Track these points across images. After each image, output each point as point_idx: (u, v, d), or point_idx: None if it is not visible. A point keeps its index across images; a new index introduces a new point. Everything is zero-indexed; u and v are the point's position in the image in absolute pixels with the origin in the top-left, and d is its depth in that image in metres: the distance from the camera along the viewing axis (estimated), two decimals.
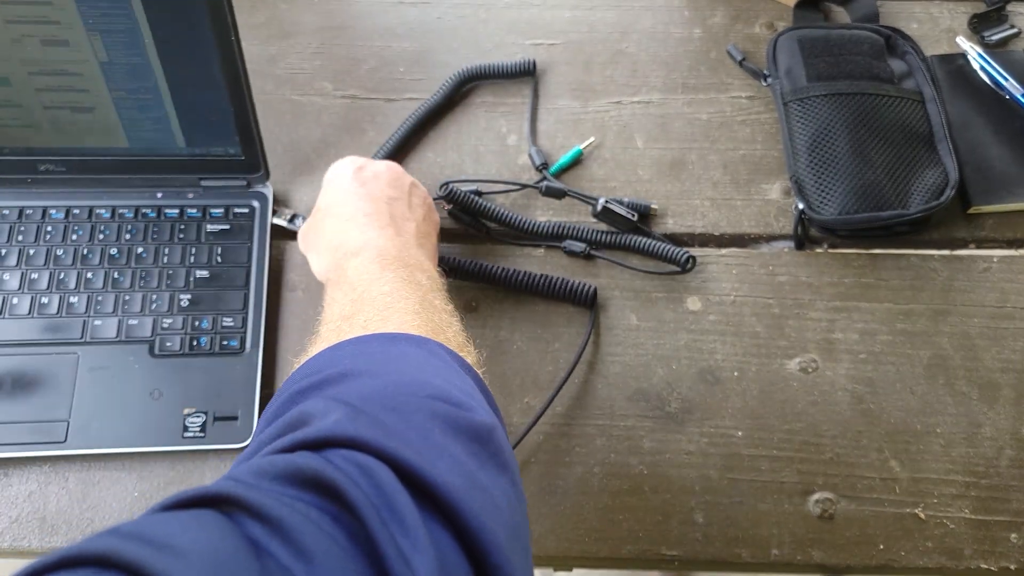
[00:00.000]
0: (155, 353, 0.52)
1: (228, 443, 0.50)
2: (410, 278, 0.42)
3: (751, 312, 0.55)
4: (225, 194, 0.57)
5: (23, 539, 0.48)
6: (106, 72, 0.49)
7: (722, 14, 0.68)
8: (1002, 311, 0.55)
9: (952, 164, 0.57)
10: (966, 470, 0.50)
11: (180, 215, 0.56)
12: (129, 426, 0.50)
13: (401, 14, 0.69)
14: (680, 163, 0.61)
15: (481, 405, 0.32)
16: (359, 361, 0.33)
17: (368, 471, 0.25)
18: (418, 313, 0.38)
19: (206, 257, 0.55)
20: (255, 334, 0.53)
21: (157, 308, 0.53)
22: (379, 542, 0.23)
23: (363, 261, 0.43)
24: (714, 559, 0.48)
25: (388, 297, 0.39)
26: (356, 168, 0.49)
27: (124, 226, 0.55)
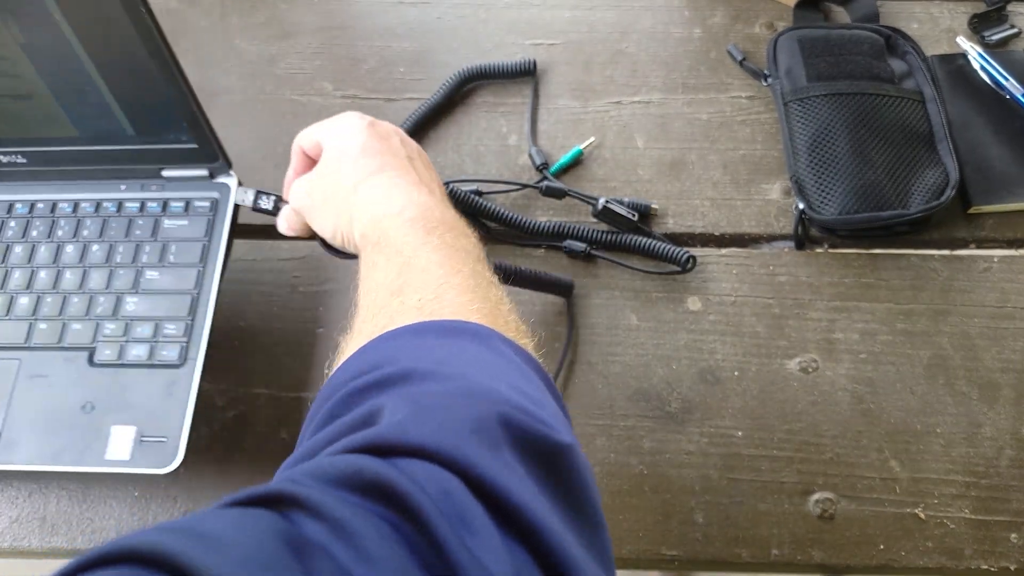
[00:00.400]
0: (94, 362, 0.48)
1: (152, 467, 0.45)
2: (456, 243, 0.39)
3: (751, 312, 0.55)
4: (188, 185, 0.53)
5: (23, 539, 0.48)
6: (30, 55, 0.46)
7: (722, 14, 0.68)
8: (1002, 311, 0.55)
9: (952, 164, 0.57)
10: (966, 470, 0.50)
11: (141, 209, 0.53)
12: (57, 442, 0.46)
13: (401, 14, 0.69)
14: (680, 163, 0.61)
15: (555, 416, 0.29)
16: (422, 359, 0.30)
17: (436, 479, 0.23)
18: (473, 290, 0.35)
19: (158, 256, 0.51)
20: (196, 345, 0.48)
21: (102, 312, 0.49)
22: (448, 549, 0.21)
23: (405, 222, 0.39)
24: (714, 559, 0.48)
25: (440, 269, 0.36)
26: (368, 122, 0.46)
27: (83, 221, 0.53)
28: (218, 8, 0.70)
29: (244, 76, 0.66)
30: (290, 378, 0.53)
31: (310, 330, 0.55)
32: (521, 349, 0.33)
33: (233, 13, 0.70)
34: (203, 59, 0.67)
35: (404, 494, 0.22)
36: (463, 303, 0.34)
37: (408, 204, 0.41)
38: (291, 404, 0.53)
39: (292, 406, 0.53)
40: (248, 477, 0.50)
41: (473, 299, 0.35)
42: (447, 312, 0.34)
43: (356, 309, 0.37)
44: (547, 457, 0.26)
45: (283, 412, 0.52)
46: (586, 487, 0.27)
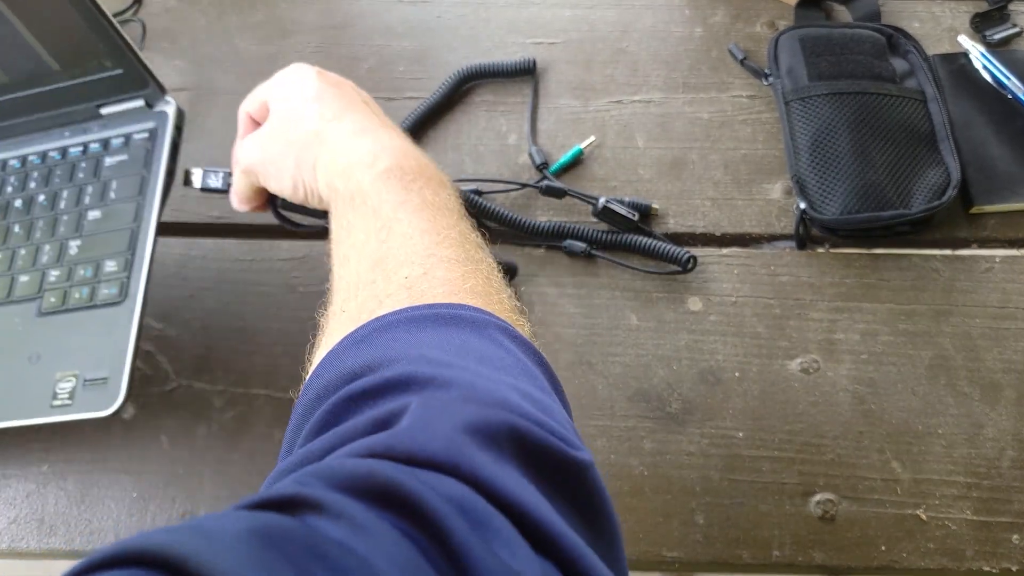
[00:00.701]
0: (42, 311, 0.47)
1: (94, 410, 0.44)
2: (437, 201, 0.36)
3: (752, 312, 0.55)
4: (128, 120, 0.53)
5: (21, 540, 0.48)
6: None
7: (723, 13, 0.68)
8: (1004, 311, 0.54)
9: (954, 164, 0.57)
10: (968, 471, 0.49)
11: (83, 151, 0.52)
12: (4, 398, 0.45)
13: (401, 13, 0.68)
14: (681, 162, 0.61)
15: (566, 424, 0.28)
16: (423, 361, 0.27)
17: (453, 488, 0.21)
18: (464, 262, 0.33)
19: (100, 195, 0.50)
20: (136, 279, 0.47)
21: (47, 261, 0.49)
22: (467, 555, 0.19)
23: (379, 175, 0.36)
24: (715, 560, 0.48)
25: (425, 237, 0.33)
26: (316, 69, 0.43)
27: (31, 174, 0.52)
28: (217, 7, 0.70)
29: (243, 75, 0.66)
30: (289, 379, 0.53)
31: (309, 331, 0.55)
32: (522, 339, 0.31)
33: (232, 12, 0.70)
34: (202, 58, 0.67)
35: (419, 500, 0.20)
36: (455, 280, 0.32)
37: (380, 151, 0.37)
38: (290, 405, 0.52)
39: (291, 407, 0.52)
40: (246, 478, 0.50)
41: (465, 275, 0.33)
42: (439, 292, 0.31)
43: (334, 279, 0.35)
44: (563, 474, 0.25)
45: (282, 413, 0.52)
46: (603, 502, 0.26)
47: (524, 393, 0.27)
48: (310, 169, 0.40)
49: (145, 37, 0.68)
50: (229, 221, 0.60)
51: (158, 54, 0.67)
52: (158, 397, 0.53)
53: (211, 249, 0.58)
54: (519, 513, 0.22)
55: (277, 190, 0.42)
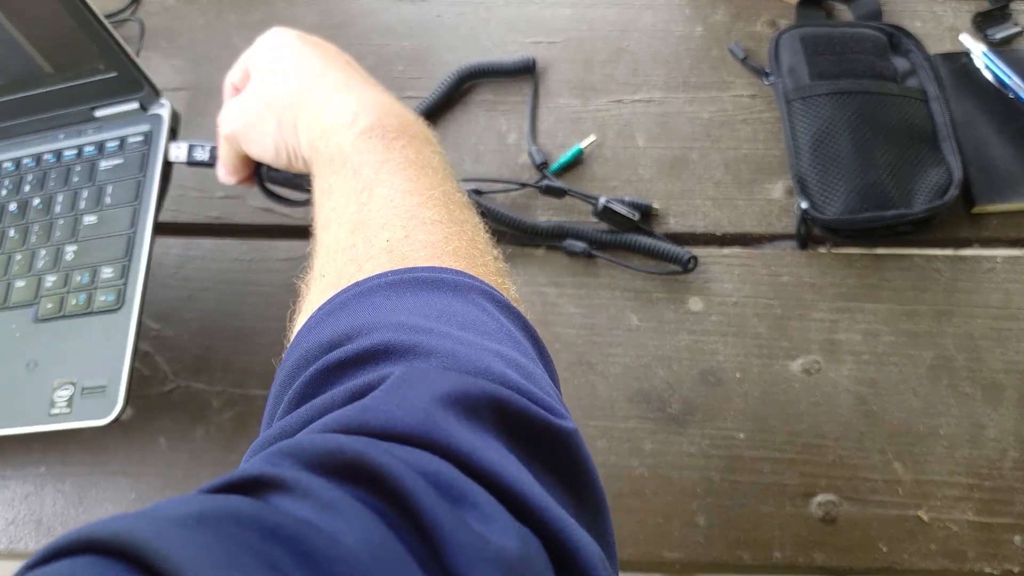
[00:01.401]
0: (39, 318, 0.47)
1: (92, 419, 0.44)
2: (420, 159, 0.35)
3: (753, 312, 0.54)
4: (122, 122, 0.52)
5: (19, 541, 0.48)
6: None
7: (724, 12, 0.68)
8: (1006, 312, 0.54)
9: (956, 163, 0.57)
10: (969, 472, 0.49)
11: (78, 155, 0.52)
12: (1, 405, 0.45)
13: (400, 12, 0.68)
14: (682, 162, 0.60)
15: (550, 392, 0.27)
16: (402, 328, 0.26)
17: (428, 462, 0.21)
18: (447, 223, 0.32)
19: (96, 200, 0.50)
20: (133, 286, 0.47)
21: (43, 267, 0.48)
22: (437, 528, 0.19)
23: (361, 134, 0.35)
24: (716, 562, 0.47)
25: (407, 198, 0.32)
26: (297, 33, 0.42)
27: (25, 177, 0.52)
28: (215, 6, 0.70)
29: None
30: None
31: None
32: (506, 303, 0.30)
33: (230, 11, 0.69)
34: (200, 57, 0.67)
35: (390, 475, 0.20)
36: (437, 243, 0.31)
37: (361, 109, 0.36)
38: None
39: None
40: None
41: (448, 237, 0.31)
42: (421, 256, 0.30)
43: (315, 244, 0.34)
44: (547, 443, 0.24)
45: None
46: (588, 472, 0.25)
47: (507, 359, 0.26)
48: (291, 129, 0.39)
49: (143, 36, 0.68)
50: (228, 221, 0.59)
51: (156, 53, 0.67)
52: (156, 398, 0.53)
53: (210, 249, 0.58)
54: (499, 485, 0.21)
55: (259, 154, 0.41)
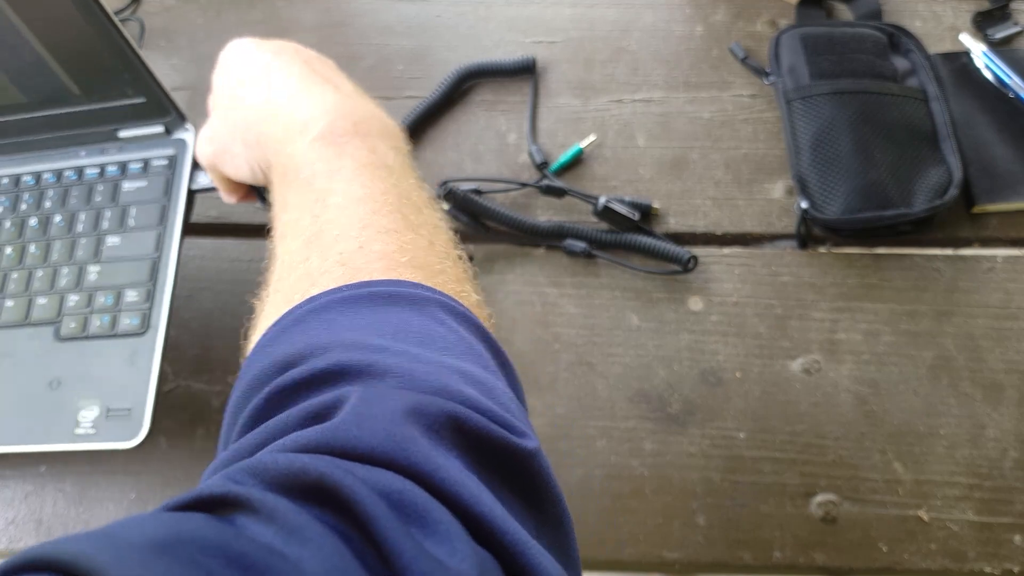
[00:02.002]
0: (60, 336, 0.47)
1: (118, 440, 0.44)
2: (374, 159, 0.34)
3: (753, 312, 0.54)
4: (146, 145, 0.52)
5: (19, 540, 0.48)
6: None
7: (724, 11, 0.68)
8: (1006, 311, 0.54)
9: (956, 163, 0.57)
10: (970, 472, 0.49)
11: (100, 174, 0.52)
12: (23, 422, 0.45)
13: (400, 11, 0.68)
14: (682, 162, 0.60)
15: (511, 408, 0.26)
16: (357, 347, 0.26)
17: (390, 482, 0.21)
18: (401, 231, 0.31)
19: (119, 222, 0.50)
20: (157, 310, 0.47)
21: (66, 285, 0.48)
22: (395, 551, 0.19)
23: (312, 143, 0.34)
24: (716, 561, 0.47)
25: (359, 206, 0.32)
26: (254, 42, 0.41)
27: (45, 192, 0.52)
28: (215, 5, 0.69)
29: None
30: None
31: None
32: (465, 315, 0.29)
33: (230, 10, 0.69)
34: (199, 57, 0.67)
35: (352, 498, 0.20)
36: (392, 253, 0.30)
37: (311, 116, 0.35)
38: None
39: None
40: None
41: (403, 246, 0.31)
42: (376, 268, 0.30)
43: (270, 259, 0.33)
44: (507, 462, 0.24)
45: None
46: (550, 489, 0.25)
47: (467, 376, 0.26)
48: (256, 147, 0.38)
49: (143, 36, 0.68)
50: (227, 221, 0.59)
51: (156, 53, 0.67)
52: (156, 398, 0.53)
53: (209, 249, 0.58)
54: (460, 505, 0.21)
55: (237, 176, 0.41)
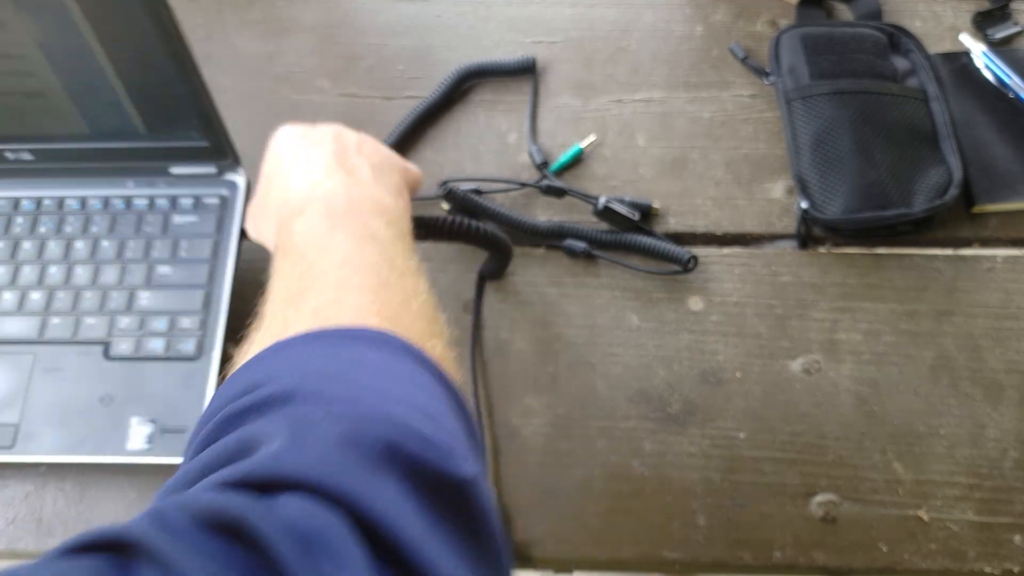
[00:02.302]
0: (110, 356, 0.49)
1: (173, 455, 0.47)
2: (365, 232, 0.36)
3: (754, 312, 0.54)
4: (196, 183, 0.54)
5: (19, 540, 0.48)
6: (47, 54, 0.47)
7: (724, 11, 0.68)
8: (1006, 311, 0.54)
9: (956, 163, 0.57)
10: (970, 472, 0.49)
11: (150, 205, 0.53)
12: (76, 434, 0.47)
13: (400, 11, 0.68)
14: (682, 162, 0.60)
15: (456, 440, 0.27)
16: (309, 376, 0.27)
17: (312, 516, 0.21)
18: (376, 289, 0.33)
19: (170, 252, 0.52)
20: (211, 338, 0.49)
21: (116, 307, 0.50)
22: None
23: (310, 219, 0.36)
24: (716, 561, 0.47)
25: (341, 269, 0.33)
26: (302, 130, 0.45)
27: (92, 218, 0.53)
28: (215, 5, 0.69)
29: (241, 74, 0.65)
30: None
31: None
32: (424, 358, 0.30)
33: (230, 10, 0.69)
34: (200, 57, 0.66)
35: (259, 537, 0.20)
36: (363, 305, 0.32)
37: (311, 199, 0.38)
38: None
39: None
40: None
41: (375, 299, 0.32)
42: (345, 316, 0.31)
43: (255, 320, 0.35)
44: (443, 491, 0.24)
45: None
46: (486, 518, 0.25)
47: (413, 405, 0.27)
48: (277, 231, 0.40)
49: None
50: None
51: None
52: None
53: None
54: (385, 536, 0.21)
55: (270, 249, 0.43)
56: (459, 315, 0.55)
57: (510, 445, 0.50)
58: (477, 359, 0.53)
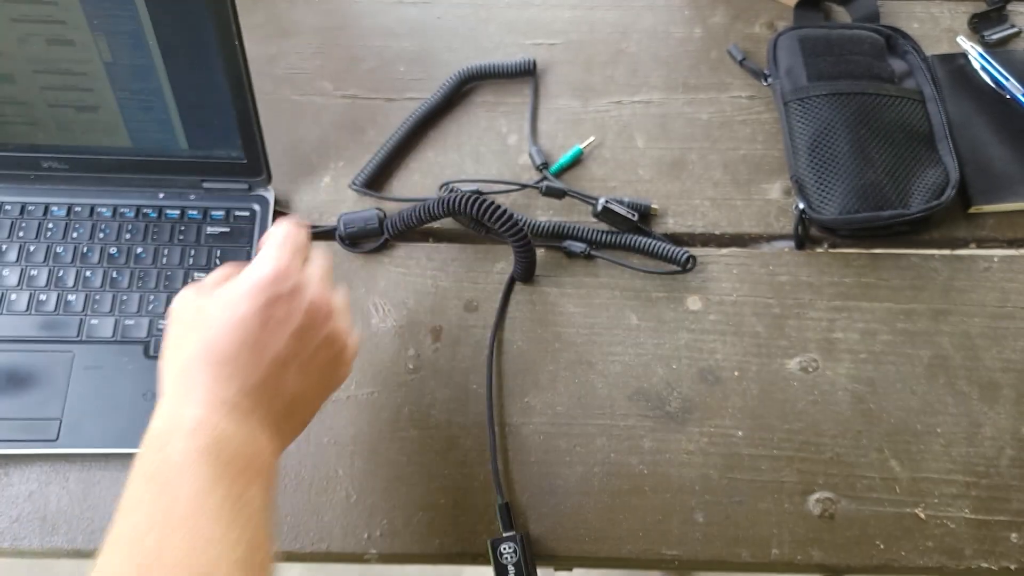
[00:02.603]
0: (150, 354, 0.52)
1: None
2: (241, 502, 0.32)
3: (751, 312, 0.55)
4: (227, 196, 0.57)
5: (23, 539, 0.48)
6: (110, 72, 0.49)
7: (722, 14, 0.68)
8: (1003, 311, 0.55)
9: (953, 164, 0.57)
10: (966, 470, 0.50)
11: (181, 216, 0.56)
12: (120, 427, 0.49)
13: (401, 14, 0.69)
14: (680, 163, 0.61)
15: None
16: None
17: None
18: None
19: (205, 259, 0.55)
20: None
21: (154, 309, 0.53)
22: None
23: (193, 453, 0.32)
24: (714, 559, 0.48)
25: (211, 547, 0.30)
26: (272, 298, 0.35)
27: (124, 225, 0.55)
28: None
29: None
30: None
31: None
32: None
33: None
34: None
35: None
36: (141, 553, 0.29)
37: (202, 426, 0.32)
38: None
39: None
40: None
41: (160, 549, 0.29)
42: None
43: (99, 553, 0.31)
44: None
45: None
46: None
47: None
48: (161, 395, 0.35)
49: None
50: None
51: None
52: None
53: None
54: None
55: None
56: (460, 315, 0.55)
57: (510, 443, 0.51)
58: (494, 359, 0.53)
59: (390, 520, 0.49)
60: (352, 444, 0.51)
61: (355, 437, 0.51)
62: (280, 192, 0.59)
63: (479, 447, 0.51)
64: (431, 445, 0.51)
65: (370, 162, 0.60)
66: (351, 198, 0.60)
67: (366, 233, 0.57)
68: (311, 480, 0.50)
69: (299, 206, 0.59)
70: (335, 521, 0.49)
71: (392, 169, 0.61)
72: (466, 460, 0.50)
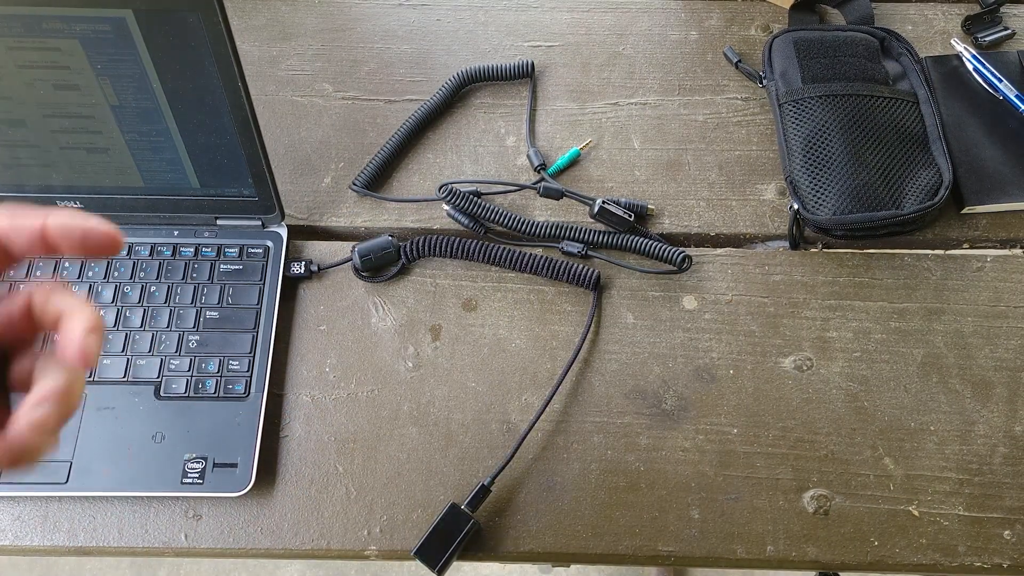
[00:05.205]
0: (160, 395, 0.52)
1: (225, 491, 0.49)
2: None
3: (746, 311, 0.55)
4: (240, 233, 0.57)
5: (25, 536, 0.49)
6: (117, 115, 0.49)
7: (718, 17, 0.69)
8: (995, 310, 0.55)
9: (946, 165, 0.58)
10: (960, 467, 0.50)
11: (195, 254, 0.56)
12: (130, 470, 0.49)
13: (401, 16, 0.69)
14: (676, 164, 0.62)
15: None
16: None
17: None
18: None
19: (217, 298, 0.54)
20: (260, 378, 0.52)
21: (165, 349, 0.53)
22: None
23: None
24: (710, 555, 0.48)
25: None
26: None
27: (139, 264, 0.56)
28: None
29: None
30: (293, 378, 0.54)
31: (318, 337, 0.56)
32: None
33: (233, 15, 0.70)
34: None
35: None
36: None
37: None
38: (280, 401, 0.53)
39: (282, 403, 0.53)
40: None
41: None
42: None
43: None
44: None
45: (283, 411, 0.53)
46: None
47: None
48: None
49: None
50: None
51: None
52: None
53: None
54: None
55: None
56: (459, 314, 0.55)
57: (508, 441, 0.51)
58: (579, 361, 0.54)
59: (390, 517, 0.49)
60: (352, 441, 0.51)
61: (355, 434, 0.52)
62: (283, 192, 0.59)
63: (477, 444, 0.51)
64: (430, 442, 0.51)
65: (370, 163, 0.61)
66: (351, 198, 0.60)
67: (383, 261, 0.56)
68: (311, 477, 0.50)
69: (300, 207, 0.60)
70: (335, 518, 0.49)
71: (392, 170, 0.62)
72: (465, 457, 0.51)
